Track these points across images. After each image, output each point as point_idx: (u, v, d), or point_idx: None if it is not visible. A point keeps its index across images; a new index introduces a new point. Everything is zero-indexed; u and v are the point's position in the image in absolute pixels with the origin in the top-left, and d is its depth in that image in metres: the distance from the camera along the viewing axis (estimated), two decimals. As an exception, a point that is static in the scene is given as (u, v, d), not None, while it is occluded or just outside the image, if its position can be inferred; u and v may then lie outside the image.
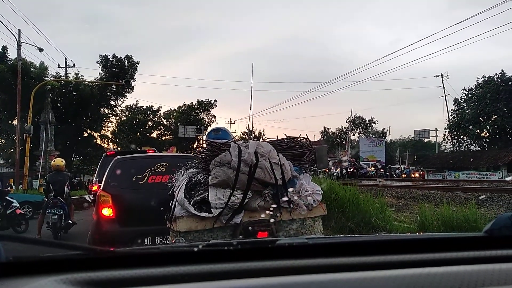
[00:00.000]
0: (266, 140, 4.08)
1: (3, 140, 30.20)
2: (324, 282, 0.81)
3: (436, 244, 1.10)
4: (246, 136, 45.66)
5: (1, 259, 0.87)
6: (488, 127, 38.29)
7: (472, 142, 41.01)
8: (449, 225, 5.52)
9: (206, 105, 51.67)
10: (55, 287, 0.78)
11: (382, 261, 0.92)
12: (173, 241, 3.31)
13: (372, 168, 32.90)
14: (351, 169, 28.70)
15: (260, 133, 52.64)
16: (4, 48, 28.77)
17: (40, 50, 24.24)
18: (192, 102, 51.57)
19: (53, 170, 9.39)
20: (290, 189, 3.53)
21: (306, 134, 4.29)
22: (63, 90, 30.80)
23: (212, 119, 51.56)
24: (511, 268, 0.88)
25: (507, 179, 11.67)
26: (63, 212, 8.49)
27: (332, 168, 28.13)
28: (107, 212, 5.20)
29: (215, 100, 51.94)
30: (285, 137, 4.17)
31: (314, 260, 0.91)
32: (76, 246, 0.99)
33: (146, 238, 4.99)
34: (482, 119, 38.57)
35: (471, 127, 39.22)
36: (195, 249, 0.98)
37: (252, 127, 42.02)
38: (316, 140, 49.71)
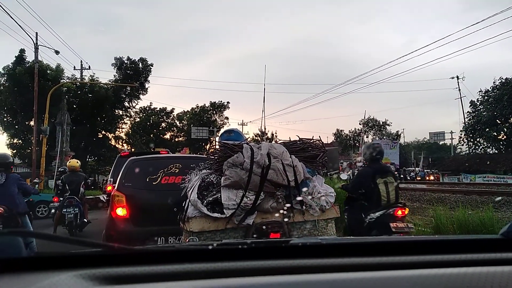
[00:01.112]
0: (279, 142, 4.07)
1: (20, 141, 30.77)
2: (338, 281, 0.81)
3: (451, 246, 1.09)
4: (259, 138, 45.70)
5: (23, 254, 0.91)
6: (505, 129, 37.53)
7: (489, 144, 40.27)
8: (464, 229, 5.43)
9: (219, 107, 51.90)
10: (75, 282, 0.80)
11: (396, 262, 0.91)
12: (187, 241, 3.33)
13: None
14: None
15: (272, 134, 52.67)
16: (22, 50, 29.40)
17: (57, 52, 24.66)
18: (205, 104, 51.91)
19: (68, 171, 9.58)
20: (303, 190, 3.52)
21: (319, 136, 4.27)
22: (79, 92, 31.28)
23: (225, 120, 51.81)
24: None
25: None
26: (79, 211, 8.68)
27: (344, 170, 27.92)
28: (121, 212, 5.27)
29: (227, 102, 52.19)
30: (298, 138, 4.16)
31: (328, 260, 0.91)
32: (94, 243, 1.01)
33: (159, 238, 5.03)
34: (499, 121, 37.85)
35: (487, 129, 38.52)
36: (210, 247, 0.99)
37: (265, 128, 42.03)
38: (329, 142, 49.47)
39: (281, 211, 3.39)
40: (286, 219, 3.38)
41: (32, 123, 26.36)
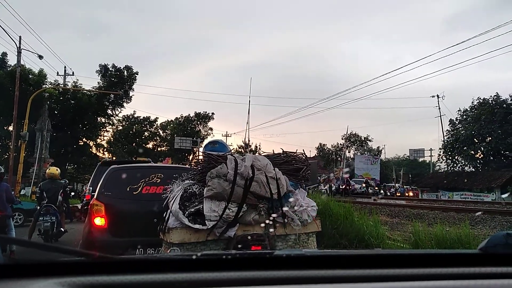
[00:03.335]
0: (263, 154, 4.09)
1: (-3, 146, 30.04)
2: None
3: (431, 260, 1.11)
4: (243, 150, 45.67)
5: (1, 261, 0.88)
6: (482, 148, 38.61)
7: (467, 162, 41.26)
8: (442, 245, 5.51)
9: (204, 118, 51.80)
10: None
11: (377, 274, 0.93)
12: (168, 252, 3.28)
13: (363, 185, 32.86)
14: (343, 186, 28.63)
15: (256, 147, 52.73)
16: (4, 54, 28.90)
17: (40, 57, 24.29)
18: (189, 114, 51.74)
19: (47, 178, 9.36)
20: (286, 204, 3.53)
21: (303, 150, 4.31)
22: (61, 98, 30.79)
23: (209, 131, 51.69)
24: (505, 284, 0.89)
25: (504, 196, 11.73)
26: (55, 220, 8.44)
27: (321, 184, 28.15)
28: (99, 221, 5.16)
29: (212, 113, 52.16)
30: (282, 151, 4.18)
31: (312, 272, 0.92)
32: (76, 251, 0.99)
33: (138, 249, 4.94)
34: (476, 140, 38.90)
35: (465, 148, 39.52)
36: (194, 257, 0.98)
37: (249, 140, 42.08)
38: (312, 156, 49.80)
39: (263, 224, 3.38)
40: (268, 232, 3.38)
41: (11, 128, 25.75)
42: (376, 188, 34.83)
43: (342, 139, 55.96)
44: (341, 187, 28.54)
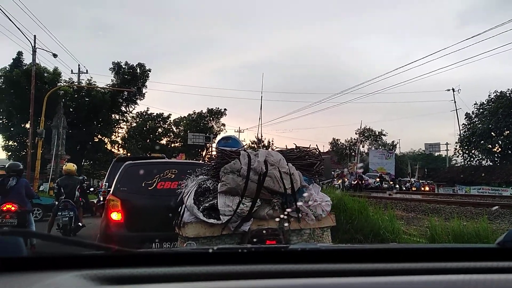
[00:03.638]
0: (276, 149, 4.08)
1: (15, 143, 30.62)
2: (336, 285, 0.81)
3: (448, 254, 1.09)
4: (255, 145, 45.69)
5: (24, 253, 0.91)
6: (500, 142, 37.83)
7: (484, 156, 40.51)
8: (459, 240, 5.44)
9: (216, 114, 51.93)
10: (76, 282, 0.80)
11: (394, 268, 0.92)
12: (184, 246, 3.31)
13: (377, 180, 32.46)
14: (355, 181, 28.25)
15: (269, 142, 52.67)
16: (20, 53, 29.40)
17: (54, 56, 24.71)
18: (202, 110, 51.91)
19: (64, 174, 9.55)
20: (299, 199, 3.53)
21: (316, 145, 4.28)
22: (76, 96, 31.26)
23: (222, 127, 51.81)
24: None
25: None
26: (73, 215, 8.62)
27: (335, 179, 27.92)
28: (116, 216, 5.24)
29: (225, 109, 52.23)
30: (295, 146, 4.17)
31: (326, 265, 0.92)
32: (93, 245, 1.01)
33: (153, 244, 5.00)
34: (494, 134, 38.13)
35: (482, 141, 38.79)
36: (210, 250, 0.99)
37: (261, 136, 42.07)
38: (325, 151, 49.55)
39: (277, 219, 3.39)
40: (282, 226, 3.38)
41: (28, 125, 26.26)
42: (391, 182, 34.47)
43: (356, 133, 55.61)
44: (353, 182, 28.23)
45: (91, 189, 14.34)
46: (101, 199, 12.51)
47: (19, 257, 0.92)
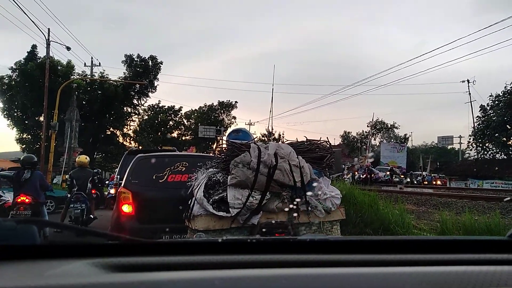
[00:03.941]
0: (286, 142, 4.08)
1: (29, 136, 31.11)
2: (345, 275, 0.82)
3: (457, 246, 1.09)
4: (266, 138, 45.68)
5: (38, 242, 0.94)
6: (515, 135, 37.16)
7: (498, 150, 39.82)
8: (471, 234, 5.39)
9: (227, 106, 52.00)
10: (88, 269, 0.82)
11: (403, 259, 0.92)
12: (194, 237, 3.35)
13: (388, 173, 32.15)
14: (364, 175, 28.03)
15: (279, 135, 52.60)
16: (34, 46, 29.74)
17: (68, 48, 24.93)
18: (213, 103, 52.04)
19: (77, 166, 9.67)
20: (309, 192, 3.53)
21: (327, 138, 4.27)
22: (88, 89, 31.56)
23: (232, 120, 51.89)
24: None
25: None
26: (85, 207, 8.74)
27: (345, 172, 27.75)
28: (127, 208, 5.30)
29: (235, 102, 52.27)
30: (305, 139, 4.16)
31: (335, 256, 0.93)
32: (105, 234, 1.03)
33: (164, 236, 5.06)
34: (509, 127, 37.41)
35: (497, 134, 38.11)
36: (220, 240, 1.01)
37: (272, 129, 41.99)
38: (336, 144, 49.28)
39: (287, 212, 3.40)
40: (291, 219, 3.39)
41: (41, 118, 26.62)
42: (402, 176, 34.13)
43: (368, 126, 55.16)
44: (362, 176, 27.99)
45: (106, 182, 14.44)
46: (111, 192, 12.71)
47: (33, 245, 0.95)
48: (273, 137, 44.38)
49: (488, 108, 40.55)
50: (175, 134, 50.14)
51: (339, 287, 0.76)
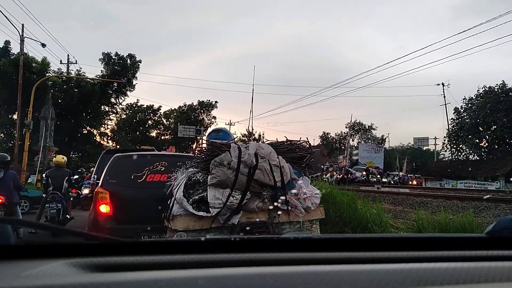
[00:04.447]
0: (266, 142, 4.09)
1: (2, 135, 30.18)
2: (329, 272, 0.83)
3: (437, 243, 1.11)
4: (246, 138, 45.69)
5: (11, 241, 0.91)
6: (487, 137, 38.37)
7: (471, 151, 41.07)
8: (446, 233, 5.53)
9: (207, 106, 51.70)
10: (66, 270, 0.80)
11: (384, 257, 0.94)
12: (175, 237, 3.32)
13: (364, 173, 32.65)
14: (341, 175, 28.44)
15: (260, 135, 52.67)
16: (7, 42, 28.85)
17: (43, 45, 24.19)
18: (192, 103, 51.62)
19: (53, 166, 9.47)
20: (289, 192, 3.55)
21: (307, 138, 4.30)
22: (64, 86, 30.81)
23: (212, 120, 51.62)
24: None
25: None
26: (61, 207, 8.55)
27: (324, 173, 28.09)
28: (104, 209, 5.21)
29: (215, 101, 52.02)
30: (285, 140, 4.19)
31: (319, 254, 0.93)
32: (82, 233, 1.01)
33: (142, 236, 4.99)
34: (481, 129, 38.63)
35: (470, 136, 39.29)
36: (202, 239, 1.00)
37: (252, 129, 42.04)
38: (315, 145, 49.72)
39: (267, 212, 3.40)
40: (272, 219, 3.40)
41: (15, 116, 25.84)
42: (378, 176, 34.69)
43: (346, 127, 55.85)
44: (338, 176, 28.35)
45: (86, 182, 14.07)
46: (85, 192, 12.48)
47: (7, 245, 0.91)
48: (253, 137, 44.43)
49: (462, 110, 41.75)
50: (154, 134, 49.53)
51: (323, 285, 0.77)
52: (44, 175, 9.94)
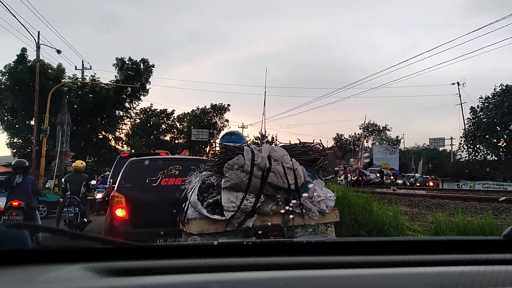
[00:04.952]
0: (279, 145, 4.08)
1: (20, 140, 30.78)
2: (342, 277, 0.82)
3: (453, 246, 1.09)
4: (259, 141, 45.71)
5: (29, 246, 0.92)
6: (505, 136, 37.57)
7: (489, 151, 40.28)
8: (464, 235, 5.42)
9: (220, 109, 51.98)
10: (82, 274, 0.81)
11: (399, 260, 0.92)
12: (189, 240, 3.33)
13: (378, 175, 32.20)
14: (355, 177, 28.08)
15: (272, 138, 52.65)
16: (24, 49, 29.47)
17: (58, 52, 24.68)
18: (205, 106, 51.99)
19: (72, 171, 9.66)
20: (303, 194, 3.52)
21: (320, 140, 4.28)
22: (80, 92, 31.32)
23: (225, 123, 51.89)
24: None
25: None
26: (79, 211, 8.70)
27: (338, 175, 27.82)
28: (120, 213, 5.26)
29: (228, 105, 52.25)
30: (299, 142, 4.17)
31: (332, 258, 0.92)
32: (99, 238, 1.02)
33: (158, 240, 5.02)
34: (499, 128, 37.86)
35: (487, 136, 38.54)
36: (215, 243, 1.00)
37: (265, 131, 42.05)
38: (329, 146, 49.46)
39: (281, 214, 3.39)
40: (286, 222, 3.38)
41: (32, 122, 26.37)
42: (392, 177, 34.18)
43: (360, 128, 55.44)
44: (353, 178, 28.01)
45: (100, 186, 14.19)
46: (100, 197, 12.60)
47: (25, 250, 0.93)
48: (266, 140, 44.44)
49: (478, 110, 41.02)
50: (167, 138, 49.96)
51: None
52: (63, 180, 10.12)
